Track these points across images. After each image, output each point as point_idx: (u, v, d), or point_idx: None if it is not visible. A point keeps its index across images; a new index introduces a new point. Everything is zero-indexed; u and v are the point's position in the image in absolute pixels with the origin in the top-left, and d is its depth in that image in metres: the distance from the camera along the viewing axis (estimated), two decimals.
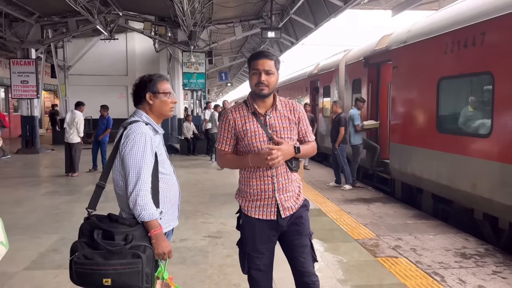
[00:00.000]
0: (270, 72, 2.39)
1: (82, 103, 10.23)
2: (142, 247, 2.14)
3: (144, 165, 2.20)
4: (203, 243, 5.03)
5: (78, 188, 8.50)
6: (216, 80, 28.67)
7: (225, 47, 20.06)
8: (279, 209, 2.45)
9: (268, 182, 2.44)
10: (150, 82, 2.43)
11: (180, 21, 12.46)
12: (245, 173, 2.51)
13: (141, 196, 2.17)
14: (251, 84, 2.44)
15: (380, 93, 8.98)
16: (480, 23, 5.26)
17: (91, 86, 18.51)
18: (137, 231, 2.17)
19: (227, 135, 2.49)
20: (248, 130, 2.42)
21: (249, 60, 2.48)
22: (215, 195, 7.81)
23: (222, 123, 2.51)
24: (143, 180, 2.19)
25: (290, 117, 2.50)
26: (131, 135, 2.24)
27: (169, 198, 2.39)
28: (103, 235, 2.14)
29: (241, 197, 2.56)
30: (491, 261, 4.52)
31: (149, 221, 2.18)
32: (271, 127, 2.44)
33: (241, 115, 2.47)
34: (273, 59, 2.43)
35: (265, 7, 13.98)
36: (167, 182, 2.37)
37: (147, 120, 2.38)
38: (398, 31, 7.80)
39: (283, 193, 2.47)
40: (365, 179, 9.61)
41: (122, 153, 2.23)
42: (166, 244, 2.23)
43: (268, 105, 2.49)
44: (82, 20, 14.30)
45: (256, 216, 2.47)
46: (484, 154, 5.26)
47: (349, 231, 5.57)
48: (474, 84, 5.71)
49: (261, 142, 2.41)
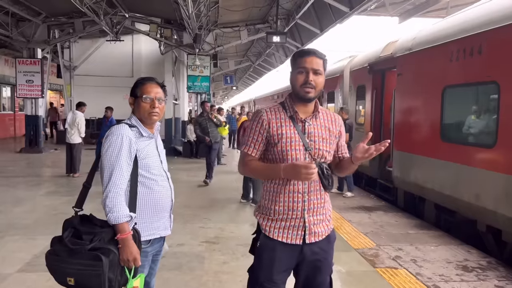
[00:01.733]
0: (319, 72, 2.12)
1: (84, 103, 10.23)
2: (106, 250, 2.07)
3: (117, 166, 2.17)
4: (200, 249, 4.96)
5: (78, 189, 8.25)
6: (221, 83, 28.66)
7: (230, 51, 20.05)
8: (306, 233, 2.14)
9: (298, 199, 2.13)
10: (135, 85, 2.42)
11: (185, 23, 12.45)
12: (271, 186, 2.19)
13: (109, 198, 2.13)
14: (295, 84, 2.15)
15: (384, 100, 8.89)
16: (487, 31, 5.17)
17: (96, 87, 18.53)
18: (106, 234, 2.12)
19: (257, 138, 2.18)
20: (284, 134, 2.13)
21: (294, 56, 2.20)
22: (215, 199, 7.74)
23: (254, 124, 2.20)
24: (113, 182, 2.15)
25: (331, 128, 2.24)
26: (109, 136, 2.24)
27: (151, 204, 2.32)
28: (75, 234, 2.12)
29: (262, 214, 2.22)
30: (494, 275, 4.41)
31: (116, 224, 2.12)
32: (309, 136, 2.16)
33: (276, 117, 2.17)
34: (323, 57, 2.16)
35: (271, 11, 13.95)
36: (149, 187, 2.31)
37: (135, 123, 2.35)
38: (404, 38, 7.73)
39: (314, 215, 2.16)
40: (367, 186, 9.51)
41: (101, 153, 2.25)
42: (132, 250, 2.12)
43: (309, 111, 2.21)
44: (89, 21, 14.31)
45: (279, 238, 2.14)
46: (488, 165, 5.17)
47: (349, 240, 5.48)
48: (480, 93, 5.62)
49: (297, 150, 2.12)
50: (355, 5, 10.27)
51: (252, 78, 32.96)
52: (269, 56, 20.83)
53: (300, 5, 12.48)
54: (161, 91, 2.44)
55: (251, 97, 38.19)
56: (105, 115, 10.38)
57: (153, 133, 2.44)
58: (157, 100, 2.37)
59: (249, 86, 40.58)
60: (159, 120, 2.49)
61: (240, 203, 7.39)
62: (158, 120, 2.47)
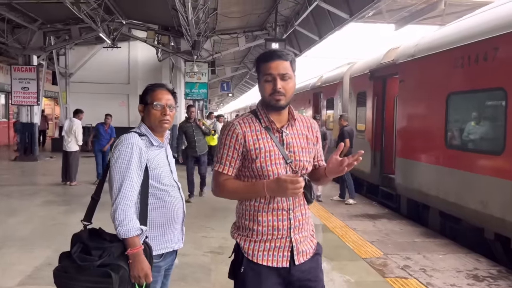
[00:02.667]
0: (287, 76, 1.91)
1: (81, 110, 10.08)
2: (116, 266, 1.96)
3: (128, 177, 2.07)
4: (205, 259, 4.84)
5: (76, 198, 8.30)
6: (217, 90, 28.58)
7: (227, 58, 20.01)
8: (293, 253, 1.93)
9: (283, 217, 1.93)
10: (145, 91, 2.33)
11: (183, 30, 12.38)
12: (251, 204, 1.96)
13: (119, 210, 2.03)
14: (264, 94, 1.95)
15: (386, 107, 8.85)
16: (493, 38, 5.14)
17: (92, 94, 18.36)
18: (116, 248, 2.01)
19: (232, 154, 1.94)
20: (262, 148, 1.92)
21: (257, 61, 1.97)
22: (216, 207, 7.60)
23: (227, 138, 1.95)
24: (123, 193, 2.05)
25: (309, 135, 2.05)
26: (118, 145, 2.15)
27: (163, 216, 2.22)
28: (84, 249, 2.02)
29: (243, 236, 1.99)
30: (506, 284, 4.33)
31: (126, 238, 2.00)
32: (288, 147, 1.96)
33: (251, 129, 1.95)
34: (289, 59, 1.93)
35: (269, 18, 13.94)
36: (161, 199, 2.21)
37: (145, 131, 2.26)
38: (406, 45, 7.70)
39: (299, 233, 1.97)
40: (369, 193, 9.43)
41: (110, 164, 2.15)
42: (143, 266, 2.01)
43: (283, 119, 2.00)
44: (85, 28, 14.21)
45: (264, 262, 1.92)
46: (496, 172, 5.10)
47: (355, 249, 5.38)
48: (486, 100, 5.57)
49: (277, 164, 1.92)
50: (355, 12, 10.26)
51: (248, 85, 32.95)
52: None
53: (299, 12, 12.48)
54: (172, 97, 2.35)
55: (248, 103, 38.14)
56: (105, 123, 10.17)
57: (163, 142, 2.35)
58: (168, 107, 2.28)
59: (245, 93, 40.55)
60: (169, 128, 2.40)
61: None
62: (169, 128, 2.37)
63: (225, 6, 11.97)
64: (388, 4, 13.20)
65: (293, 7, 12.60)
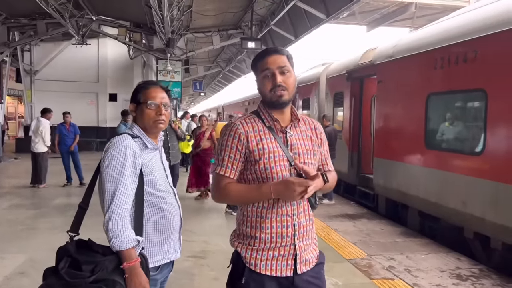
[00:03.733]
0: (286, 69, 1.83)
1: (49, 110, 9.59)
2: (111, 282, 1.79)
3: (121, 184, 1.90)
4: (188, 264, 4.67)
5: (45, 201, 7.90)
6: (189, 89, 28.17)
7: (201, 56, 19.76)
8: (296, 262, 1.84)
9: (288, 223, 1.82)
10: (137, 90, 2.15)
11: (156, 27, 12.09)
12: (254, 210, 1.84)
13: (113, 220, 1.85)
14: (264, 91, 1.86)
15: (363, 107, 8.91)
16: (474, 40, 5.21)
17: (59, 92, 17.69)
18: (110, 262, 1.83)
19: (234, 156, 1.83)
20: (266, 149, 1.81)
21: (254, 61, 1.92)
22: (196, 209, 7.44)
23: (228, 139, 1.85)
24: (117, 202, 1.87)
25: (313, 137, 1.96)
26: (110, 148, 1.97)
27: (160, 225, 2.06)
28: (72, 264, 1.82)
29: (244, 245, 1.87)
30: (489, 283, 4.39)
31: (121, 250, 1.83)
32: (292, 148, 1.86)
33: (254, 129, 1.85)
34: (285, 53, 1.87)
35: (244, 17, 13.82)
36: (157, 206, 2.05)
37: (138, 133, 2.09)
38: (384, 46, 7.76)
39: (304, 240, 1.87)
40: (346, 193, 9.48)
41: (101, 169, 1.96)
42: (141, 280, 1.86)
43: (286, 118, 1.91)
44: (53, 23, 13.65)
45: (267, 272, 1.81)
46: (476, 172, 5.18)
47: (339, 250, 5.34)
48: (466, 100, 5.66)
49: (281, 166, 1.81)
50: (332, 12, 10.31)
51: (221, 84, 32.72)
52: (239, 62, 20.69)
53: (275, 12, 12.42)
54: (167, 96, 2.19)
55: (219, 103, 37.88)
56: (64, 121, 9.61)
57: (158, 144, 2.18)
58: (163, 106, 2.12)
59: (217, 92, 40.26)
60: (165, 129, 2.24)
61: (225, 213, 7.11)
62: (164, 128, 2.21)
63: (200, 3, 11.77)
64: (361, 6, 13.38)
65: (269, 6, 12.53)
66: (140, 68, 16.17)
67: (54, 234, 5.38)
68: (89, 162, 8.39)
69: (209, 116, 22.48)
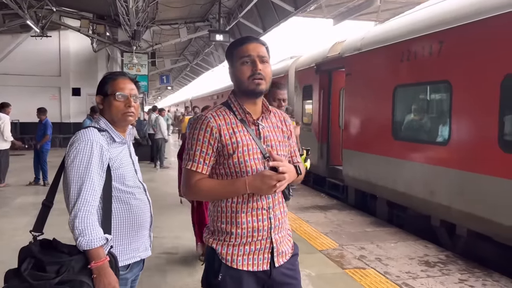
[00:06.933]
0: (265, 59, 1.80)
1: (8, 104, 9.21)
2: (78, 283, 1.71)
3: (87, 180, 1.81)
4: (159, 261, 4.57)
5: (6, 200, 7.53)
6: (155, 83, 27.62)
7: (167, 49, 19.37)
8: (273, 255, 1.81)
9: (264, 217, 1.79)
10: (104, 81, 2.06)
11: (121, 19, 11.71)
12: (228, 205, 1.80)
13: (79, 218, 1.77)
14: (241, 78, 1.79)
15: (332, 100, 8.99)
16: (439, 32, 5.33)
17: (18, 87, 16.93)
18: (76, 262, 1.75)
19: (206, 150, 1.77)
20: (240, 143, 1.77)
21: (230, 48, 1.85)
22: (164, 205, 7.29)
23: (200, 133, 1.77)
24: (84, 198, 1.79)
25: (284, 129, 1.94)
26: (75, 143, 1.87)
27: (129, 222, 1.98)
28: (36, 264, 1.72)
29: (219, 241, 1.82)
30: (455, 268, 4.53)
31: (89, 249, 1.75)
32: (265, 140, 1.83)
33: (226, 122, 1.79)
34: (265, 44, 1.85)
35: (212, 9, 13.63)
36: (126, 202, 1.97)
37: (105, 126, 1.99)
38: (352, 38, 7.84)
39: (279, 232, 1.85)
40: (316, 185, 9.57)
41: (66, 164, 1.86)
42: (110, 280, 1.78)
43: (258, 110, 1.87)
44: (10, 15, 13.01)
45: (244, 267, 1.78)
46: (442, 162, 5.33)
47: (311, 241, 5.38)
48: (432, 92, 5.80)
49: (255, 159, 1.77)
50: (300, 5, 10.31)
51: (189, 77, 32.26)
52: (207, 55, 20.44)
53: (242, 4, 12.30)
54: (135, 87, 2.10)
55: (188, 97, 37.42)
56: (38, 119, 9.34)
57: (126, 138, 2.09)
58: (132, 98, 2.03)
59: (184, 86, 39.70)
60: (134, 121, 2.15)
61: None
62: (134, 121, 2.12)
63: None
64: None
65: None
66: (104, 61, 15.70)
67: (17, 235, 5.14)
68: (52, 159, 8.08)
69: (176, 110, 22.06)
